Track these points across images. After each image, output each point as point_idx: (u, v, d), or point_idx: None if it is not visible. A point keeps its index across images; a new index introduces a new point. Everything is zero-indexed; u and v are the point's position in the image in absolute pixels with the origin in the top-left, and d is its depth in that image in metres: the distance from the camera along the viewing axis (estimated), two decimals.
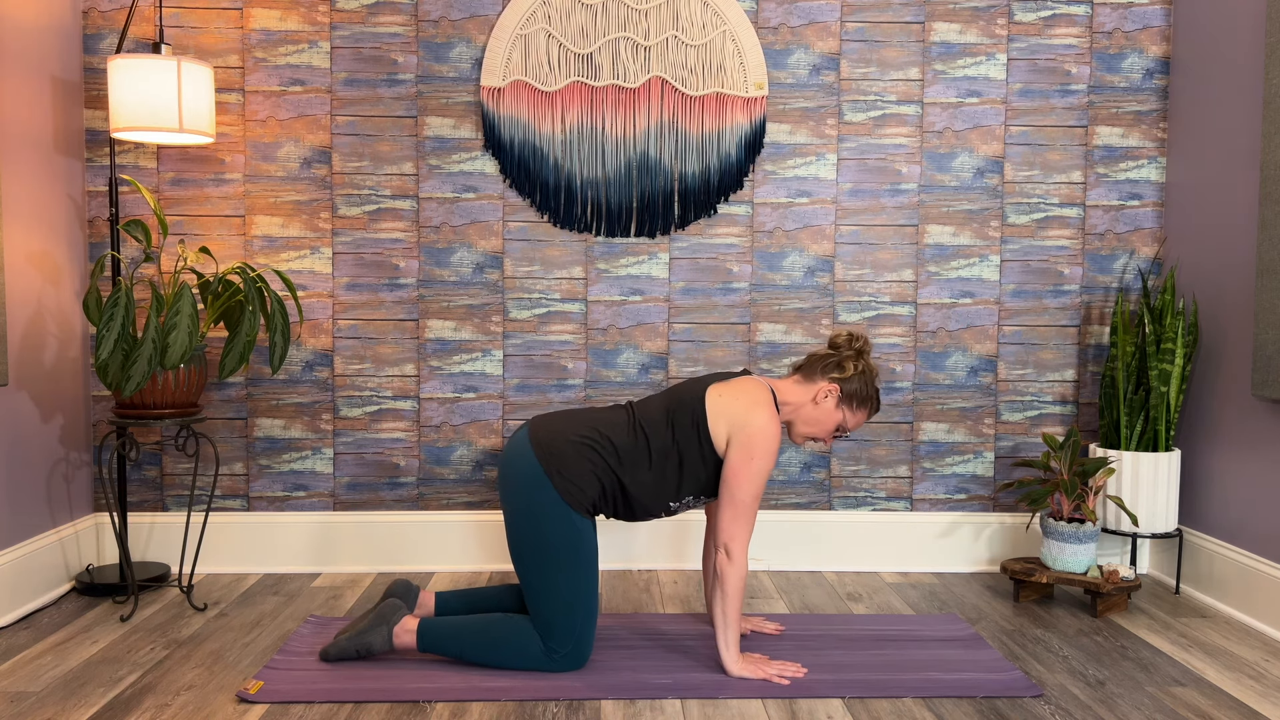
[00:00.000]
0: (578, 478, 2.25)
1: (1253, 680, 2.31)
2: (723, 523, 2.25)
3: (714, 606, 2.29)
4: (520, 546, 2.27)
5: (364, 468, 3.17)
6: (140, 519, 3.13)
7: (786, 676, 2.25)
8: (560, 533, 2.23)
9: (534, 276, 3.15)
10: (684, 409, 2.31)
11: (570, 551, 2.24)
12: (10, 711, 2.08)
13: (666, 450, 2.30)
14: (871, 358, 2.44)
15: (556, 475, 2.24)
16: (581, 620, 2.26)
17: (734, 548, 2.24)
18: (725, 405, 2.29)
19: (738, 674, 2.26)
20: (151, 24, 3.05)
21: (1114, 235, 3.20)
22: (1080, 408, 3.23)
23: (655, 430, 2.31)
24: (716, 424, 2.28)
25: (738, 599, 2.25)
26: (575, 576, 2.24)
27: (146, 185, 3.08)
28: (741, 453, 2.24)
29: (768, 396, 2.31)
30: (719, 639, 2.28)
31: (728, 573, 2.24)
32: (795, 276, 3.18)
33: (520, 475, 2.27)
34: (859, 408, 2.40)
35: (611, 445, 2.29)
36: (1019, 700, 2.17)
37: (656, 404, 2.37)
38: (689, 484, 2.32)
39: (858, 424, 2.44)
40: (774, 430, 2.25)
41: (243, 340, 2.75)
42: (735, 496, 2.24)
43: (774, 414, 2.27)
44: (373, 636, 2.32)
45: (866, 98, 3.15)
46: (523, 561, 2.27)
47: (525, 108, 3.08)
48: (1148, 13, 3.16)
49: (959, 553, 3.23)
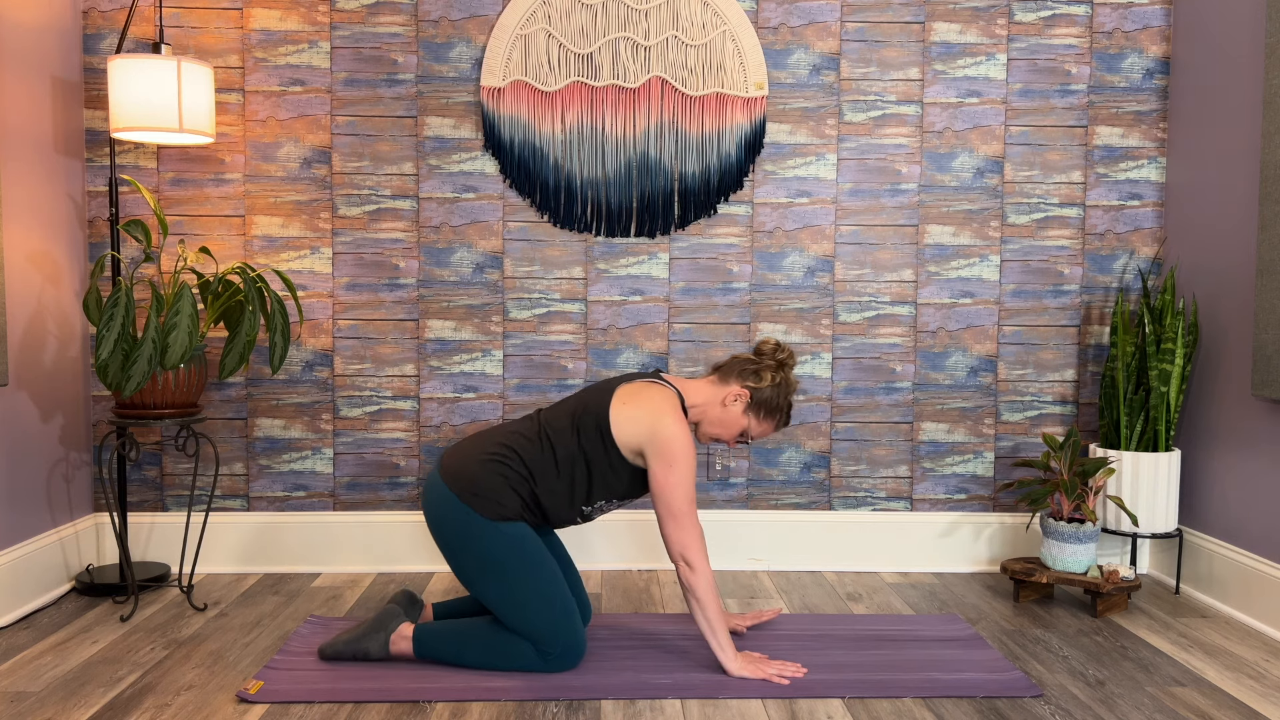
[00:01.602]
0: (493, 493, 2.25)
1: (1253, 680, 2.32)
2: (670, 537, 2.25)
3: (695, 617, 2.28)
4: (468, 575, 2.27)
5: (364, 468, 3.17)
6: (140, 519, 3.13)
7: (786, 676, 2.25)
8: (497, 547, 2.23)
9: (534, 276, 3.15)
10: (589, 416, 2.32)
11: (515, 561, 2.24)
12: (10, 711, 2.08)
13: (574, 458, 2.30)
14: (793, 373, 2.45)
15: (472, 497, 2.25)
16: (558, 618, 2.25)
17: (690, 555, 2.23)
18: (630, 415, 2.29)
19: (738, 674, 2.26)
20: (151, 24, 3.05)
21: (1114, 235, 3.21)
22: (1080, 408, 3.23)
23: (561, 439, 2.31)
24: (621, 432, 2.29)
25: (714, 602, 2.26)
26: (531, 581, 2.24)
27: (146, 185, 3.08)
28: (660, 463, 2.25)
29: (672, 401, 2.31)
30: (711, 646, 2.28)
31: (694, 581, 2.24)
32: (795, 276, 3.18)
33: (440, 509, 2.28)
34: (766, 418, 2.42)
35: (518, 457, 2.30)
36: (1019, 700, 2.17)
37: (564, 410, 2.37)
38: (599, 490, 2.34)
39: (763, 434, 2.45)
40: (684, 435, 2.26)
41: (243, 340, 2.75)
42: (671, 507, 2.24)
43: (680, 418, 2.28)
44: (369, 643, 2.32)
45: (866, 98, 3.16)
46: (476, 587, 2.27)
47: (525, 108, 3.08)
48: (1148, 13, 3.16)
49: (959, 553, 3.24)
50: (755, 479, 3.22)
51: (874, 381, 3.21)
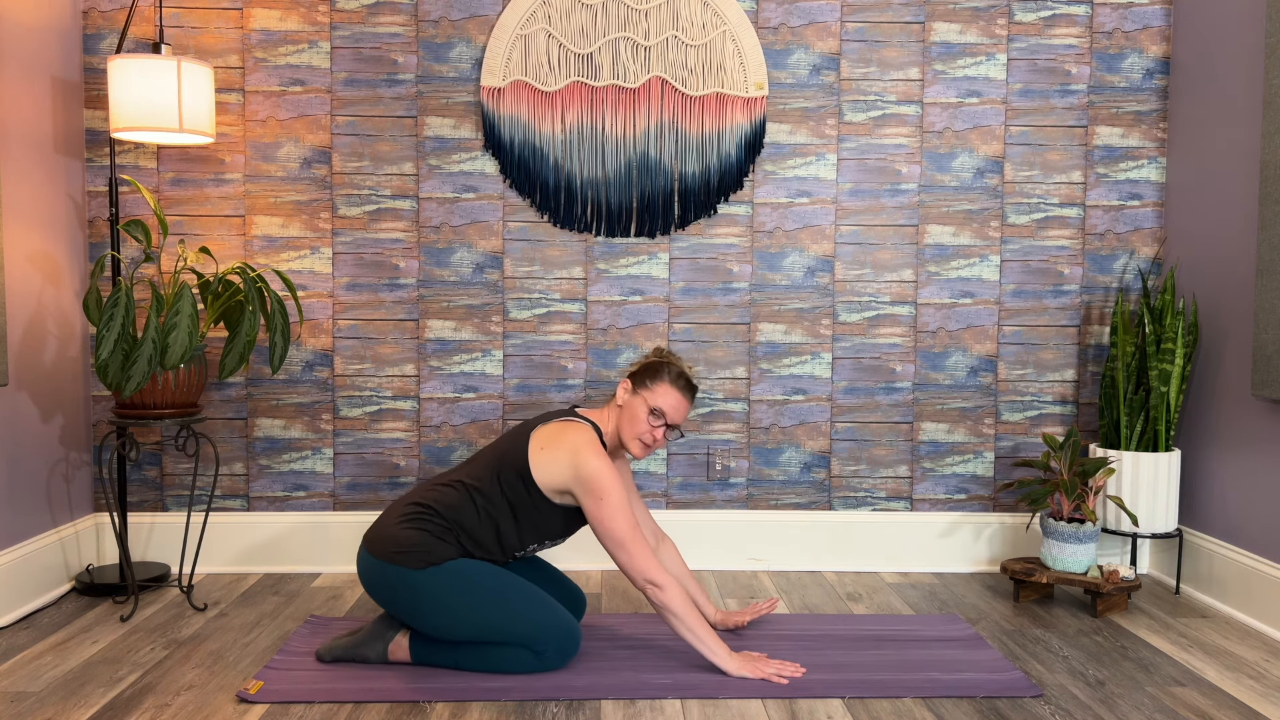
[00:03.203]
0: (419, 547, 2.25)
1: (1253, 680, 2.32)
2: (626, 565, 2.25)
3: (678, 632, 2.27)
4: (432, 625, 2.25)
5: (364, 468, 3.17)
6: (140, 519, 3.13)
7: (785, 676, 2.25)
8: (446, 589, 2.23)
9: (534, 276, 3.15)
10: (507, 463, 2.33)
11: (461, 591, 2.23)
12: (10, 711, 2.08)
13: (497, 506, 2.32)
14: (676, 357, 2.47)
15: (396, 554, 2.25)
16: (540, 619, 2.24)
17: (652, 576, 2.24)
18: (550, 457, 2.30)
19: (736, 673, 2.25)
20: (151, 24, 3.05)
21: (1114, 235, 3.20)
22: (1080, 408, 3.23)
23: (483, 487, 2.33)
24: (543, 475, 2.30)
25: (690, 610, 2.25)
26: (494, 601, 2.23)
27: (146, 185, 3.08)
28: (591, 500, 2.26)
29: (588, 436, 2.32)
30: (704, 654, 2.27)
31: (665, 599, 2.23)
32: (795, 276, 3.18)
33: (372, 577, 2.28)
34: (654, 383, 2.39)
35: (435, 511, 2.31)
36: (1019, 700, 2.17)
37: (482, 462, 2.38)
38: (530, 534, 2.36)
39: (671, 405, 2.38)
40: (606, 467, 2.27)
41: (243, 340, 2.75)
42: (614, 537, 2.25)
43: (598, 451, 2.29)
44: (368, 650, 2.33)
45: (866, 98, 3.15)
46: (451, 631, 2.25)
47: (525, 108, 3.08)
48: (1148, 13, 3.16)
49: (959, 553, 3.23)
50: (755, 479, 3.22)
51: (874, 381, 3.21)
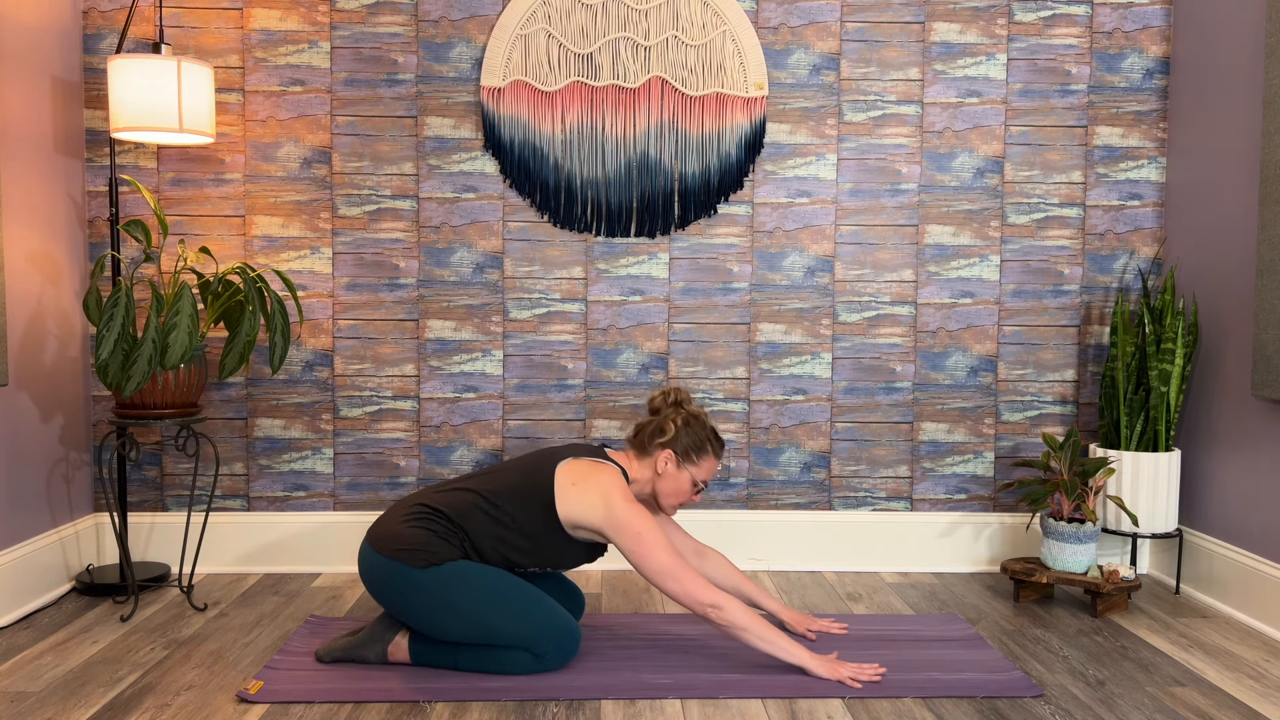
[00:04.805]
0: (422, 545, 2.25)
1: (1253, 680, 2.31)
2: (681, 595, 2.23)
3: (753, 646, 2.25)
4: (437, 625, 2.24)
5: (364, 468, 3.17)
6: (140, 519, 3.13)
7: (861, 680, 2.23)
8: (446, 588, 2.22)
9: (534, 276, 3.15)
10: (532, 489, 2.32)
11: (460, 593, 2.22)
12: (10, 711, 2.08)
13: (509, 525, 2.31)
14: (693, 404, 2.48)
15: (399, 552, 2.24)
16: (540, 619, 2.24)
17: (708, 598, 2.22)
18: (580, 497, 2.29)
19: (825, 676, 2.23)
20: (151, 24, 3.05)
21: (1114, 235, 3.20)
22: (1080, 408, 3.23)
23: (500, 504, 2.31)
24: (569, 511, 2.29)
25: (756, 621, 2.24)
26: (493, 601, 2.22)
27: (146, 185, 3.08)
28: (629, 540, 2.25)
29: (619, 481, 2.32)
30: (784, 659, 2.25)
31: (729, 617, 2.22)
32: (795, 276, 3.18)
33: (373, 573, 2.28)
34: (700, 458, 2.43)
35: (442, 514, 2.30)
36: (1019, 700, 2.17)
37: (502, 479, 2.36)
38: (534, 558, 2.35)
39: (711, 471, 2.45)
40: (637, 510, 2.27)
41: (243, 340, 2.75)
42: (661, 568, 2.23)
43: (629, 497, 2.29)
44: (367, 650, 2.33)
45: (866, 98, 3.15)
46: (450, 631, 2.25)
47: (525, 108, 3.08)
48: (1148, 13, 3.16)
49: (959, 553, 3.23)
50: (755, 479, 3.22)
51: (874, 381, 3.21)
